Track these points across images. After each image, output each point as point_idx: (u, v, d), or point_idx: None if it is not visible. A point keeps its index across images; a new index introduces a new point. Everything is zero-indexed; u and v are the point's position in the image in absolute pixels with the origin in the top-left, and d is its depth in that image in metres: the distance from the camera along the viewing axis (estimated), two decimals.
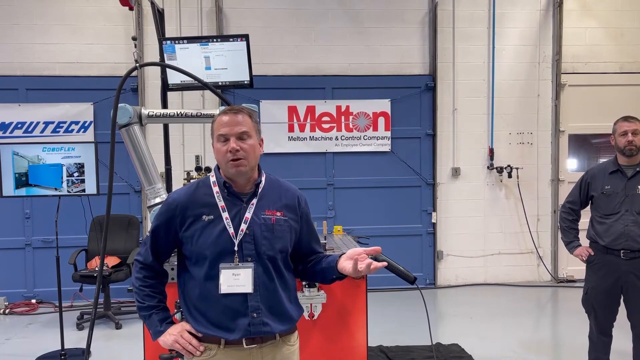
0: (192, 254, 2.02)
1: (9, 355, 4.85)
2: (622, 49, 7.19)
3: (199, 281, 2.00)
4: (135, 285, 2.09)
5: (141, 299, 2.06)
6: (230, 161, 1.98)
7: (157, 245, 2.08)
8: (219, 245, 1.98)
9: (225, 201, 2.03)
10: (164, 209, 2.07)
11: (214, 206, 2.02)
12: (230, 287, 1.96)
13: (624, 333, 3.74)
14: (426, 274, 7.10)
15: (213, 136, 2.06)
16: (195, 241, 2.00)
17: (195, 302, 2.02)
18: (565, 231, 3.90)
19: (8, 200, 5.77)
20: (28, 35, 6.56)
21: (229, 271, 1.97)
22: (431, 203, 7.11)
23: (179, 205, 2.03)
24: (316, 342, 3.12)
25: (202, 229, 2.00)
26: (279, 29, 6.87)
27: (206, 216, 2.01)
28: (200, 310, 2.01)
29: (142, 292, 2.06)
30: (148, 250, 2.08)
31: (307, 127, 6.91)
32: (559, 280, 7.17)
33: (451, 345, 4.78)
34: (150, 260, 2.08)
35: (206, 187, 2.07)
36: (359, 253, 2.01)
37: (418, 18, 7.04)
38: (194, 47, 3.30)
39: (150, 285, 2.08)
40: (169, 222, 2.04)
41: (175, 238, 2.05)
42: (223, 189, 2.05)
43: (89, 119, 6.59)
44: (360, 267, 1.95)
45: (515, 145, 7.16)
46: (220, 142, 2.01)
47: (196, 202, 2.04)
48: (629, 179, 3.55)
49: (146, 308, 2.05)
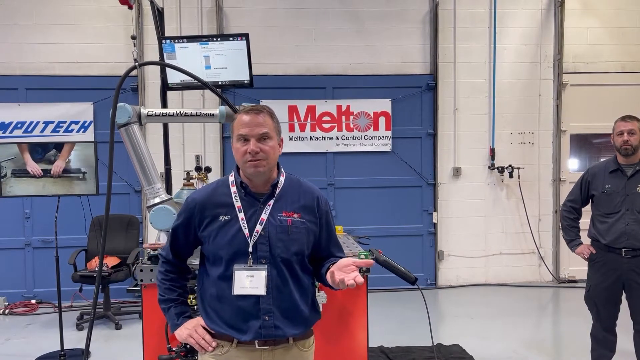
0: (209, 254, 2.04)
1: (8, 356, 4.84)
2: (624, 49, 7.18)
3: (214, 280, 2.02)
4: (158, 278, 2.16)
5: (162, 292, 2.11)
6: (249, 161, 1.97)
7: (176, 244, 2.12)
8: (234, 246, 1.98)
9: (242, 201, 2.03)
10: (183, 209, 2.10)
11: (231, 206, 2.02)
12: (243, 289, 1.96)
13: (625, 332, 3.75)
14: (427, 274, 7.08)
15: (233, 134, 2.04)
16: (211, 241, 2.01)
17: (210, 300, 2.03)
18: (566, 229, 3.92)
19: (8, 200, 5.76)
20: (28, 35, 6.55)
21: (242, 272, 1.97)
22: (432, 203, 7.09)
23: (197, 205, 2.04)
24: (316, 342, 3.09)
25: (218, 229, 2.00)
26: (279, 28, 6.85)
27: (223, 216, 2.01)
28: (215, 308, 2.02)
29: (163, 285, 2.12)
30: (168, 247, 2.13)
31: (308, 126, 6.89)
32: (561, 280, 7.15)
33: (452, 345, 4.76)
34: (171, 257, 2.13)
35: (225, 186, 2.08)
36: (347, 265, 1.94)
37: (419, 17, 7.02)
38: (194, 46, 3.28)
39: (171, 280, 2.12)
40: (188, 222, 2.06)
41: (195, 237, 2.08)
42: (240, 189, 2.04)
43: (88, 119, 6.58)
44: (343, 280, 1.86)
45: (517, 145, 7.15)
46: (240, 141, 1.99)
47: (214, 202, 2.04)
48: (629, 178, 3.59)
49: (166, 301, 2.10)
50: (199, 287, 2.12)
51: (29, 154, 4.57)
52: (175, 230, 2.12)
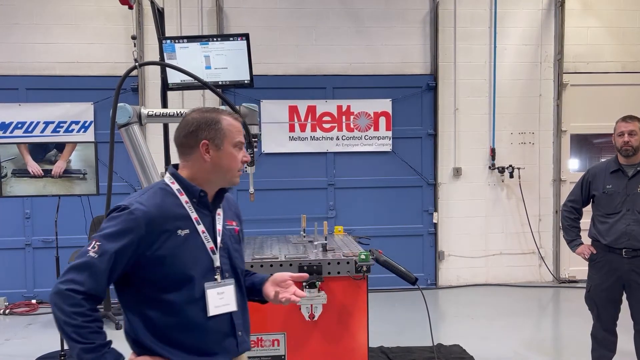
0: (166, 277, 1.73)
1: (8, 356, 4.84)
2: (624, 49, 7.17)
3: (176, 308, 1.74)
4: (71, 322, 1.63)
5: (85, 338, 1.63)
6: (238, 171, 1.87)
7: (115, 271, 1.71)
8: (202, 263, 1.80)
9: (197, 212, 1.83)
10: (131, 224, 1.70)
11: (187, 218, 1.80)
12: (217, 308, 1.80)
13: (626, 332, 3.74)
14: (427, 274, 7.08)
15: (222, 139, 1.84)
16: (172, 261, 1.73)
17: (167, 335, 1.75)
18: (567, 229, 3.92)
19: (8, 200, 5.76)
20: (28, 35, 6.55)
21: (214, 290, 1.80)
22: (432, 203, 7.08)
23: (151, 219, 1.72)
24: (317, 343, 3.11)
25: (179, 246, 1.75)
26: (279, 29, 6.85)
27: (181, 230, 1.77)
28: (176, 342, 1.75)
29: (86, 329, 1.64)
30: (101, 276, 1.68)
31: (308, 127, 6.89)
32: (561, 280, 7.14)
33: (452, 346, 4.76)
34: (101, 289, 1.69)
35: (171, 195, 1.82)
36: (284, 279, 1.94)
37: (419, 17, 7.02)
38: (194, 46, 3.28)
39: (96, 319, 1.68)
40: (139, 240, 1.70)
41: (137, 260, 1.72)
42: (193, 199, 1.83)
43: (89, 119, 6.58)
44: (282, 298, 1.90)
45: (517, 145, 7.14)
46: (237, 148, 1.86)
47: (167, 213, 1.76)
48: (630, 178, 3.59)
49: (95, 349, 1.64)
50: (135, 325, 1.77)
51: (30, 154, 4.57)
52: (121, 252, 1.68)
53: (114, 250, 1.68)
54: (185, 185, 1.84)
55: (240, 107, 3.19)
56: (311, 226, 3.52)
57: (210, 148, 1.82)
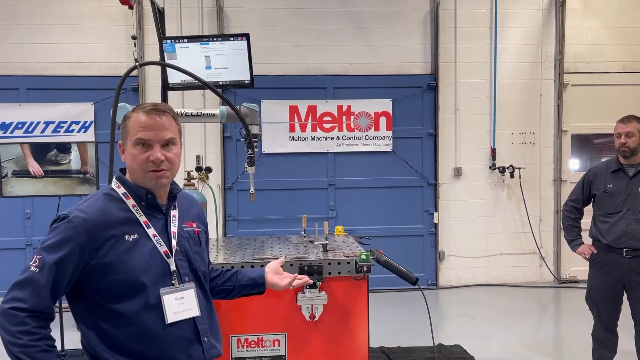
0: (115, 286, 1.65)
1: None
2: (625, 49, 7.16)
3: (131, 317, 1.66)
4: (17, 342, 1.52)
5: (33, 358, 1.53)
6: (150, 171, 1.71)
7: (59, 283, 1.61)
8: (155, 268, 1.71)
9: (146, 215, 1.75)
10: (70, 233, 1.62)
11: (134, 222, 1.72)
12: (176, 314, 1.71)
13: (626, 332, 3.74)
14: (428, 274, 7.08)
15: (126, 137, 1.73)
16: (121, 268, 1.65)
17: (125, 346, 1.66)
18: (567, 229, 3.93)
19: (8, 200, 5.75)
20: (28, 35, 6.55)
21: (171, 296, 1.72)
22: (433, 203, 7.08)
23: (91, 226, 1.64)
24: (317, 343, 3.10)
25: (127, 252, 1.67)
26: (280, 29, 6.85)
27: (129, 235, 1.68)
28: (136, 353, 1.67)
29: (34, 348, 1.53)
30: (43, 291, 1.58)
31: (309, 127, 6.88)
32: (562, 280, 7.14)
33: (453, 346, 4.76)
34: (46, 304, 1.59)
35: (116, 200, 1.74)
36: (278, 267, 2.07)
37: (419, 17, 7.01)
38: (195, 46, 3.28)
39: (45, 337, 1.57)
40: (81, 249, 1.62)
41: (82, 270, 1.64)
42: (140, 201, 1.75)
43: (89, 119, 6.58)
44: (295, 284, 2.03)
45: (518, 145, 7.14)
46: (139, 146, 1.70)
47: (111, 219, 1.68)
48: (631, 178, 3.60)
49: None
50: (90, 337, 1.68)
51: (31, 154, 4.57)
52: (61, 263, 1.59)
53: (52, 261, 1.60)
54: (132, 188, 1.76)
55: (241, 107, 3.19)
56: (312, 226, 3.52)
57: (123, 148, 1.77)
